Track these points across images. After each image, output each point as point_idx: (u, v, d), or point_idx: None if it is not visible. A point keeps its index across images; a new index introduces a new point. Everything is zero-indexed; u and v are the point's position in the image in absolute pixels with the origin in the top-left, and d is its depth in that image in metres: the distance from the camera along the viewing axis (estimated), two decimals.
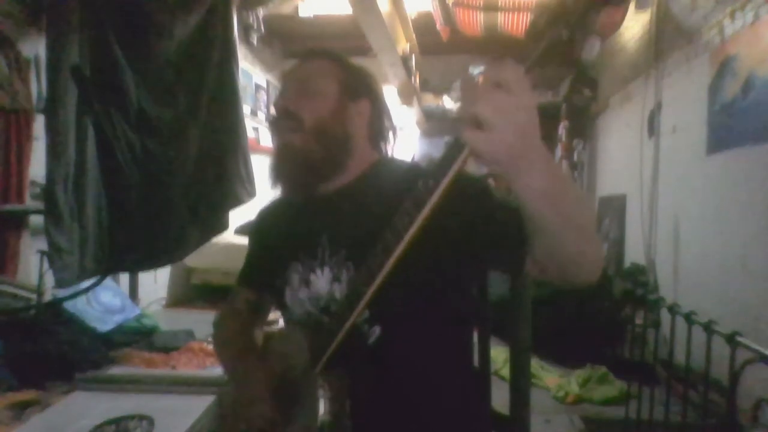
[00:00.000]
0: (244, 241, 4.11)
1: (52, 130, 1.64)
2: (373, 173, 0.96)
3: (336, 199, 0.95)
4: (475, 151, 0.58)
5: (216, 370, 1.66)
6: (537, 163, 0.59)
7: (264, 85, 4.81)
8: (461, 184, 0.65)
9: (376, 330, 0.87)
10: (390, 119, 1.04)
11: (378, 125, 1.00)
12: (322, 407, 0.87)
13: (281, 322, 1.26)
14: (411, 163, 1.02)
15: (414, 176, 0.81)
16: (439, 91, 5.06)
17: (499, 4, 3.38)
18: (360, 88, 0.97)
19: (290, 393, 0.89)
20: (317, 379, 0.87)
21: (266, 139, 4.85)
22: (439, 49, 4.52)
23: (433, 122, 5.25)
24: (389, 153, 1.03)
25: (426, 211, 0.67)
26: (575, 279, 0.72)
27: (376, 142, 1.01)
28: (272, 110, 0.94)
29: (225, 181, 2.15)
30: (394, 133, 1.05)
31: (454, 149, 0.61)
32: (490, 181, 0.90)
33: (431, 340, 0.91)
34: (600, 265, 0.72)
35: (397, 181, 0.90)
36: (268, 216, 1.09)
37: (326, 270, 0.92)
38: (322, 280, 0.92)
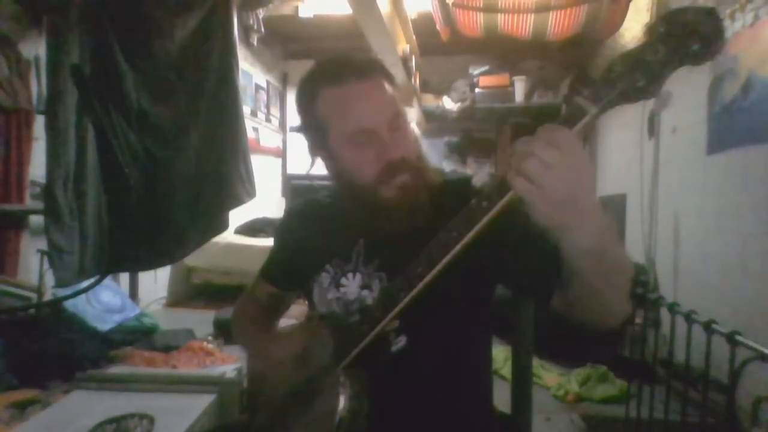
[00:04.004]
0: (244, 240, 4.09)
1: (52, 131, 1.64)
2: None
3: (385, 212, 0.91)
4: (522, 202, 0.60)
5: (216, 369, 1.66)
6: (586, 225, 0.60)
7: (264, 85, 4.81)
8: (512, 210, 0.66)
9: (402, 339, 0.88)
10: None
11: None
12: (341, 403, 0.88)
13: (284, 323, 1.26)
14: (453, 178, 0.98)
15: (457, 193, 0.84)
16: (439, 92, 5.05)
17: (499, 5, 3.38)
18: None
19: (311, 385, 0.90)
20: (339, 375, 0.88)
21: (266, 139, 4.85)
22: (439, 49, 4.51)
23: (433, 123, 5.25)
24: None
25: (477, 229, 0.68)
26: (598, 324, 0.74)
27: None
28: (374, 159, 0.84)
29: (225, 181, 2.15)
30: None
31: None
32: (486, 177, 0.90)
33: (454, 353, 0.92)
34: (624, 315, 0.73)
35: (440, 195, 0.90)
36: (299, 216, 1.08)
37: (357, 276, 0.93)
38: (352, 285, 0.93)
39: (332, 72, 0.88)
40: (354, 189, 0.89)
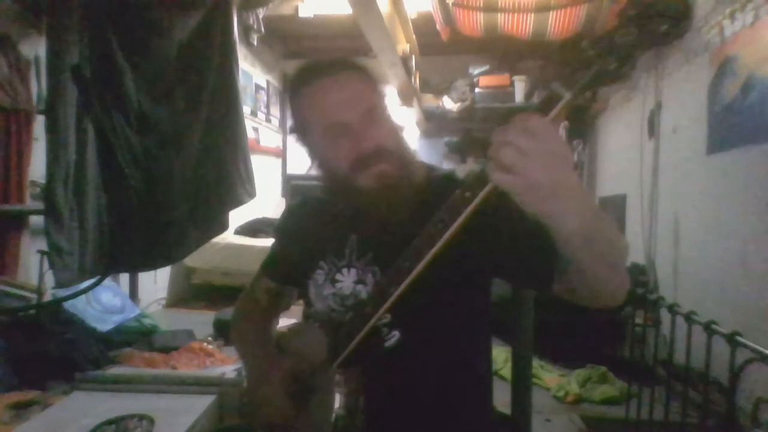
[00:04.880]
0: (244, 241, 4.08)
1: (52, 131, 1.64)
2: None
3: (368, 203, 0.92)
4: (505, 191, 0.60)
5: (216, 370, 1.66)
6: (570, 206, 0.60)
7: (264, 85, 4.81)
8: (495, 199, 0.66)
9: (395, 334, 0.88)
10: None
11: None
12: (337, 401, 0.88)
13: (285, 322, 1.26)
14: (441, 172, 0.99)
15: (443, 186, 0.83)
16: (439, 92, 5.05)
17: (499, 4, 3.38)
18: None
19: (307, 385, 0.90)
20: (334, 374, 0.88)
21: (266, 139, 4.85)
22: (439, 49, 4.51)
23: (434, 123, 5.25)
24: None
25: (460, 220, 0.69)
26: (600, 303, 0.74)
27: None
28: (348, 150, 0.85)
29: (225, 182, 2.15)
30: None
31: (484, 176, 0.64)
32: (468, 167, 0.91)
33: (448, 347, 0.92)
34: (625, 291, 0.74)
35: (428, 189, 0.91)
36: (297, 212, 1.10)
37: (352, 271, 0.93)
38: (347, 280, 0.93)
39: (307, 73, 0.92)
40: (335, 182, 0.91)
